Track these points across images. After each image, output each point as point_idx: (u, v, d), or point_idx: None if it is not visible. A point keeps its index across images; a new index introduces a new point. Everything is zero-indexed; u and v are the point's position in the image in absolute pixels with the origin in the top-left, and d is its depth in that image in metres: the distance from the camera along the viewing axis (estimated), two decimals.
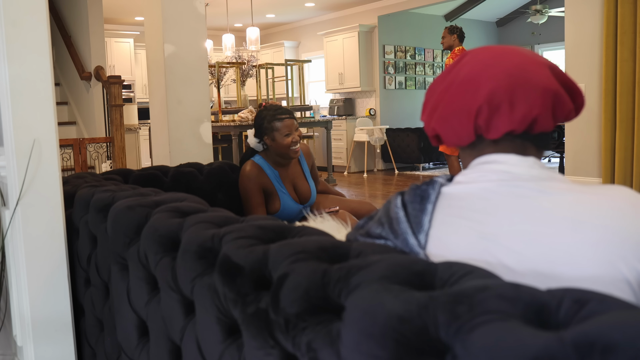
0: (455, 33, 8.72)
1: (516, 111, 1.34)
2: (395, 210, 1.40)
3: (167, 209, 1.96)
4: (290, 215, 4.10)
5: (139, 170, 3.80)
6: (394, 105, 14.30)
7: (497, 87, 1.35)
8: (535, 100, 1.34)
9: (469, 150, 1.45)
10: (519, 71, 1.37)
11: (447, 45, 8.79)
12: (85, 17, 8.73)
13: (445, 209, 1.35)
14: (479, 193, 1.33)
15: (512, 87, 1.34)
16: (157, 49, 5.55)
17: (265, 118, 4.00)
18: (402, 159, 13.56)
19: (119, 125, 7.66)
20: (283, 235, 1.52)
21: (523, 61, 1.39)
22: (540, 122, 1.35)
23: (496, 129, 1.36)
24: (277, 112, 4.01)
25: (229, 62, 11.81)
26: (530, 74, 1.36)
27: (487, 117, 1.36)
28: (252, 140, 4.09)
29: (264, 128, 4.00)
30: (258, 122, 4.05)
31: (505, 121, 1.34)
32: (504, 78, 1.36)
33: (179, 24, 5.55)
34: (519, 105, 1.34)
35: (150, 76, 5.73)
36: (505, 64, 1.38)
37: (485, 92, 1.36)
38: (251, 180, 3.97)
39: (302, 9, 14.72)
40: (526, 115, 1.34)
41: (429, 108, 1.49)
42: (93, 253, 2.51)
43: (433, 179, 1.43)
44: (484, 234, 1.26)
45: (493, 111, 1.35)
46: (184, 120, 5.60)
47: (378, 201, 9.30)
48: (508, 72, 1.36)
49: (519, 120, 1.34)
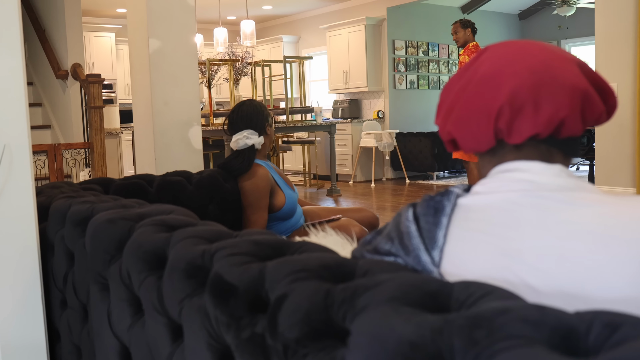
0: (469, 27, 8.73)
1: (541, 112, 1.33)
2: (407, 224, 1.40)
3: (152, 222, 1.97)
4: (294, 205, 4.35)
5: (121, 180, 3.81)
6: (404, 107, 14.32)
7: (520, 85, 1.34)
8: (563, 101, 1.33)
9: (489, 156, 1.45)
10: (544, 68, 1.36)
11: (463, 41, 8.79)
12: (61, 9, 8.75)
13: (461, 222, 1.35)
14: (499, 205, 1.32)
15: (536, 86, 1.34)
16: (141, 44, 5.57)
17: (261, 106, 4.36)
18: (414, 166, 13.57)
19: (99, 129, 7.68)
20: (281, 252, 1.52)
21: (548, 57, 1.39)
22: (567, 125, 1.34)
23: (519, 133, 1.35)
24: None
25: (221, 59, 11.83)
26: (556, 70, 1.36)
27: (509, 119, 1.35)
28: (257, 140, 4.29)
29: (265, 116, 4.33)
30: (258, 114, 4.33)
31: (529, 124, 1.34)
32: (528, 75, 1.35)
33: (165, 17, 5.56)
34: (544, 105, 1.33)
35: (134, 75, 5.74)
36: (528, 59, 1.38)
37: (506, 91, 1.35)
38: (268, 182, 4.26)
39: (303, 0, 14.75)
40: (552, 117, 1.33)
41: (444, 110, 1.49)
42: (70, 272, 2.51)
43: (448, 189, 1.43)
44: (505, 251, 1.26)
45: (515, 112, 1.34)
46: (171, 124, 5.61)
47: (387, 214, 9.30)
48: (532, 69, 1.36)
49: (545, 123, 1.33)
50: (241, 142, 4.23)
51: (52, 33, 9.09)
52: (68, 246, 2.50)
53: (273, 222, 4.28)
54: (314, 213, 4.54)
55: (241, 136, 4.24)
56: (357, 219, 4.41)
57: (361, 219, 4.44)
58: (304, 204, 4.73)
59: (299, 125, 11.24)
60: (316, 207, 4.68)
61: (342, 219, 4.32)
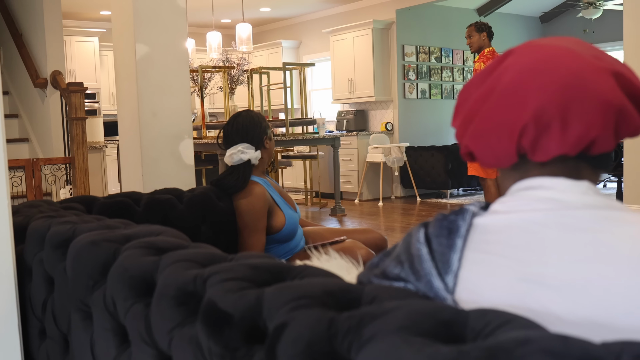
0: (484, 31, 8.69)
1: (570, 132, 1.32)
2: (417, 246, 1.39)
3: (139, 244, 1.97)
4: (295, 227, 4.34)
5: (105, 198, 3.81)
6: (415, 118, 14.34)
7: (547, 101, 1.33)
8: (594, 119, 1.32)
9: (510, 171, 1.44)
10: (575, 81, 1.34)
11: (477, 46, 8.74)
12: (39, 11, 8.78)
13: (478, 244, 1.35)
14: (520, 225, 1.32)
15: (565, 102, 1.32)
16: (127, 49, 5.58)
17: (259, 118, 4.34)
18: (425, 183, 13.57)
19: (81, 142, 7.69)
20: (281, 277, 1.52)
21: (581, 67, 1.36)
22: (599, 144, 1.33)
23: (544, 152, 1.35)
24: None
25: (214, 66, 11.85)
26: (589, 84, 1.33)
27: (534, 138, 1.34)
28: (253, 155, 4.26)
29: (263, 129, 4.31)
30: (255, 126, 4.31)
31: (556, 143, 1.33)
32: (556, 90, 1.33)
33: (153, 20, 5.58)
34: (573, 124, 1.32)
35: (119, 83, 5.75)
36: (558, 71, 1.36)
37: (532, 108, 1.33)
38: (265, 201, 4.24)
39: (304, 1, 14.79)
40: (582, 136, 1.32)
41: (462, 116, 1.47)
42: (49, 298, 2.51)
43: (463, 208, 1.42)
44: (527, 276, 1.26)
45: (541, 131, 1.33)
46: (160, 137, 5.61)
47: (396, 235, 9.29)
48: (561, 82, 1.34)
49: (573, 143, 1.32)
50: (236, 157, 4.21)
51: (30, 38, 9.12)
52: (47, 271, 2.50)
53: (271, 244, 4.26)
54: (316, 234, 4.52)
55: (235, 150, 4.21)
56: (363, 240, 4.39)
57: (368, 241, 4.43)
58: (305, 225, 4.71)
59: (299, 139, 11.25)
60: (319, 228, 4.66)
61: (347, 241, 4.30)
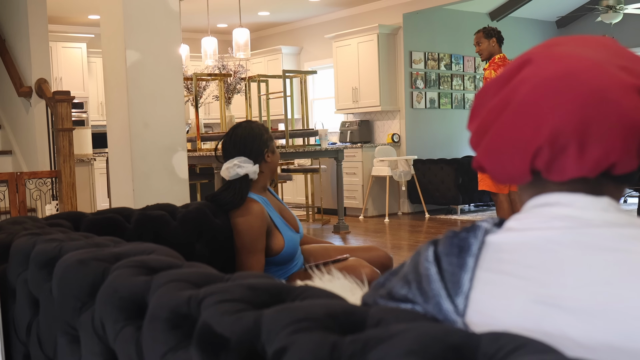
0: (494, 36, 8.67)
1: (587, 155, 1.31)
2: (426, 266, 1.40)
3: (130, 263, 1.97)
4: (295, 249, 4.34)
5: (93, 214, 3.81)
6: (423, 129, 14.34)
7: (564, 122, 1.32)
8: (614, 142, 1.31)
9: (527, 186, 1.45)
10: (596, 100, 1.32)
11: (488, 54, 8.71)
12: (24, 15, 8.79)
13: (491, 263, 1.35)
14: (536, 243, 1.32)
15: (583, 123, 1.31)
16: (117, 56, 5.59)
17: (261, 130, 4.32)
18: (434, 199, 13.58)
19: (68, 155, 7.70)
20: (280, 298, 1.53)
21: (603, 84, 1.33)
22: (620, 166, 1.33)
23: (560, 173, 1.35)
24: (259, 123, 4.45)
25: (210, 74, 11.84)
26: (610, 103, 1.31)
27: (548, 160, 1.34)
28: (251, 169, 4.24)
29: (264, 141, 4.30)
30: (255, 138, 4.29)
31: (572, 166, 1.33)
32: (574, 110, 1.32)
33: (145, 24, 5.59)
34: (591, 147, 1.31)
35: (109, 92, 5.76)
36: (577, 88, 1.33)
37: (547, 128, 1.33)
38: (263, 221, 4.22)
39: (305, 5, 14.82)
40: (600, 160, 1.32)
41: (477, 123, 1.47)
42: (34, 321, 2.51)
43: (475, 224, 1.42)
44: (543, 297, 1.26)
45: (556, 153, 1.33)
46: (152, 149, 5.62)
47: (403, 254, 9.28)
48: (580, 102, 1.32)
49: (591, 167, 1.32)
50: (232, 171, 4.18)
51: (14, 43, 9.13)
52: (32, 291, 2.50)
53: (268, 266, 4.25)
54: (318, 252, 4.51)
55: (232, 164, 4.20)
56: (367, 259, 4.38)
57: (373, 260, 4.41)
58: (308, 242, 4.69)
59: (300, 151, 11.24)
60: (320, 246, 4.65)
61: (351, 259, 4.28)
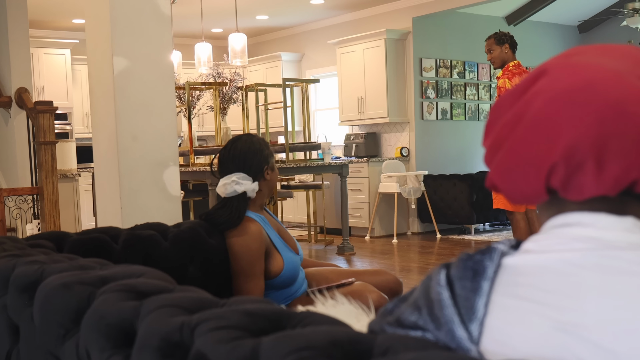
0: (506, 42, 8.67)
1: (606, 172, 1.31)
2: (438, 290, 1.40)
3: (117, 287, 1.97)
4: (295, 272, 4.34)
5: (78, 234, 3.81)
6: (435, 142, 14.35)
7: (580, 137, 1.31)
8: (635, 158, 1.31)
9: (545, 204, 1.45)
10: (615, 114, 1.31)
11: (500, 61, 8.70)
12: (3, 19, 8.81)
13: (507, 288, 1.35)
14: (556, 267, 1.32)
15: (601, 139, 1.30)
16: (104, 63, 5.60)
17: (261, 145, 4.34)
18: (446, 217, 13.58)
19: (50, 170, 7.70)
20: (280, 325, 1.53)
21: (622, 97, 1.32)
22: None
23: (578, 192, 1.35)
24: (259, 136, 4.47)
25: (204, 83, 11.85)
26: (631, 118, 1.31)
27: (564, 178, 1.35)
28: (249, 186, 4.25)
29: (264, 157, 4.32)
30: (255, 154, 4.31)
31: (591, 184, 1.33)
32: (591, 124, 1.31)
33: (134, 29, 5.59)
34: (610, 164, 1.31)
35: (94, 102, 5.77)
36: (594, 101, 1.33)
37: (562, 144, 1.33)
38: (262, 242, 4.22)
39: (307, 8, 14.84)
40: (620, 178, 1.32)
41: (492, 139, 1.47)
42: (14, 350, 2.51)
43: (491, 246, 1.42)
44: (562, 324, 1.26)
45: (572, 171, 1.33)
46: (142, 164, 5.62)
47: (413, 277, 9.28)
48: (598, 116, 1.31)
49: (610, 185, 1.32)
50: (229, 188, 4.19)
51: None
52: (12, 318, 2.50)
53: (268, 290, 4.23)
54: (321, 276, 4.51)
55: (229, 180, 4.19)
56: (374, 283, 4.38)
57: (380, 284, 4.42)
58: (310, 265, 4.69)
59: (302, 166, 11.24)
60: (323, 269, 4.65)
61: (356, 283, 4.29)
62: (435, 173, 14.02)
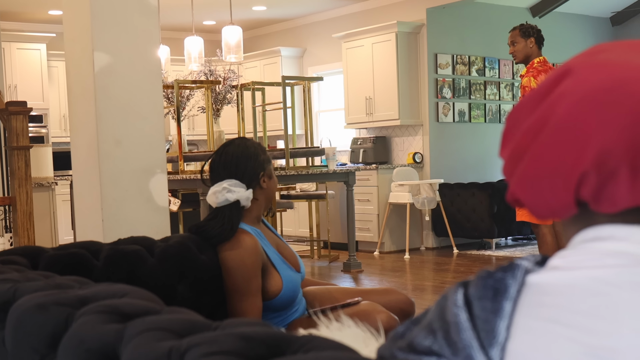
0: (532, 36, 8.64)
1: None
2: (455, 311, 1.40)
3: (98, 309, 1.97)
4: (295, 291, 4.33)
5: (55, 249, 3.82)
6: (451, 147, 14.35)
7: (613, 142, 1.31)
8: None
9: (573, 217, 1.45)
10: None
11: (523, 56, 8.68)
12: None
13: (532, 309, 1.35)
14: (586, 285, 1.32)
15: (636, 143, 1.30)
16: (84, 59, 5.60)
17: (256, 149, 4.32)
18: (464, 231, 13.58)
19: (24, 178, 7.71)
20: (279, 350, 1.53)
21: None
22: None
23: (610, 204, 1.34)
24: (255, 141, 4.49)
25: (194, 81, 11.86)
26: None
27: (596, 188, 1.34)
28: (243, 194, 4.21)
29: (259, 162, 4.29)
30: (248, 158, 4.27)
31: (625, 194, 1.32)
32: (624, 127, 1.31)
33: (117, 21, 5.60)
34: None
35: (73, 102, 5.77)
36: (626, 101, 1.32)
37: (593, 150, 1.32)
38: (258, 257, 4.20)
39: None
40: None
41: (511, 148, 1.47)
42: None
43: (514, 262, 1.42)
44: (594, 349, 1.26)
45: (605, 180, 1.32)
46: (126, 171, 5.62)
47: (426, 297, 9.27)
48: (631, 118, 1.31)
49: None
50: (220, 197, 4.15)
51: None
52: None
53: (265, 312, 4.21)
54: (324, 295, 4.50)
55: (220, 188, 4.17)
56: (384, 303, 4.37)
57: (390, 304, 4.41)
58: (311, 284, 4.68)
59: (303, 174, 11.24)
60: (327, 288, 4.64)
61: (364, 304, 4.27)
62: (452, 181, 14.02)
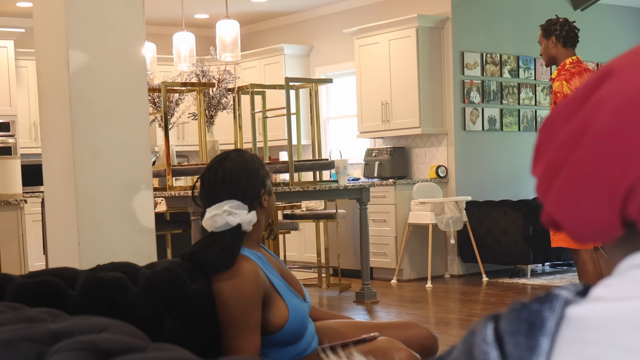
0: (553, 34, 8.60)
1: None
2: (484, 349, 1.40)
3: (74, 345, 1.98)
4: (303, 323, 4.31)
5: (24, 277, 3.83)
6: (480, 159, 14.36)
7: None
8: None
9: (617, 242, 1.45)
10: None
11: (547, 58, 8.73)
12: None
13: (573, 345, 1.35)
14: (634, 319, 1.31)
15: None
16: (57, 58, 5.61)
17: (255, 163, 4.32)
18: (495, 255, 13.57)
19: None
20: None
21: None
22: None
23: None
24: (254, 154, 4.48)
25: (185, 83, 11.88)
26: None
27: None
28: (245, 218, 4.20)
29: (260, 179, 4.29)
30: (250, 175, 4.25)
31: None
32: None
33: (95, 15, 5.61)
34: None
35: (45, 108, 5.79)
36: None
37: (639, 161, 1.32)
38: (258, 286, 4.18)
39: None
40: None
41: (545, 163, 1.47)
42: None
43: (551, 293, 1.42)
44: None
45: None
46: (106, 187, 5.63)
47: (452, 332, 9.28)
48: None
49: None
50: (220, 221, 4.11)
51: None
52: None
53: (269, 348, 4.21)
54: (334, 330, 4.50)
55: (220, 211, 4.14)
56: (403, 339, 4.37)
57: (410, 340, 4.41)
58: (320, 316, 4.68)
59: (310, 190, 11.25)
60: (339, 322, 4.65)
61: (380, 339, 4.28)
62: (481, 199, 14.01)
